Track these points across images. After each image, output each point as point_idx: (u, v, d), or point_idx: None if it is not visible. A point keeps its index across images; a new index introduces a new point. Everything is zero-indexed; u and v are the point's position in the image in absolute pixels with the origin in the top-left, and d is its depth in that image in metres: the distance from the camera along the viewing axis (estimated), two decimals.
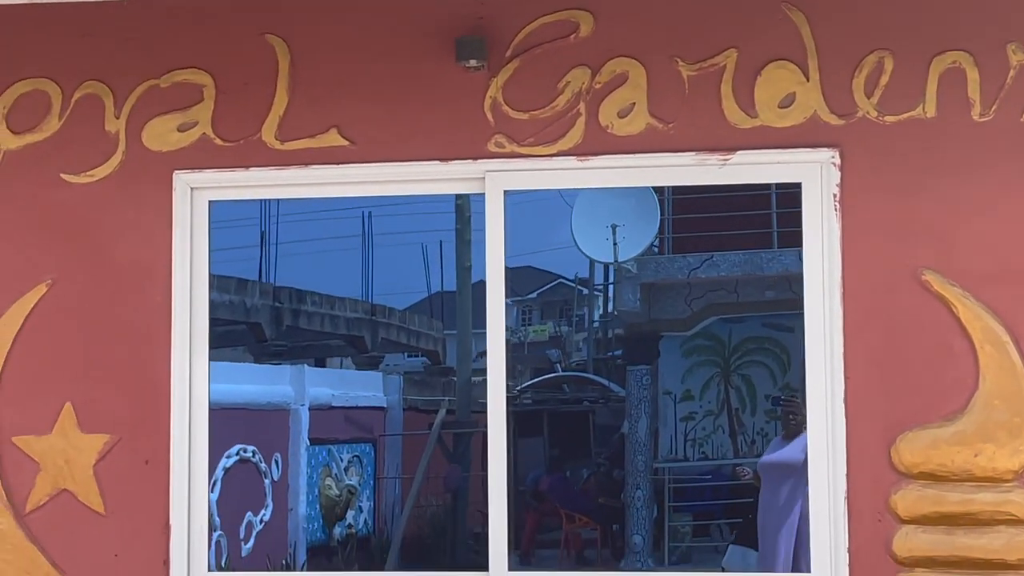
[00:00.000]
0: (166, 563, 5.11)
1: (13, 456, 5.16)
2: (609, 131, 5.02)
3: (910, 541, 4.77)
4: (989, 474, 4.74)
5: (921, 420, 4.80)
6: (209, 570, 5.17)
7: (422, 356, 18.41)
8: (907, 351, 4.84)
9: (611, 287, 17.07)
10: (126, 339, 5.17)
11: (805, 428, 8.75)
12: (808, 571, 4.91)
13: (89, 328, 5.19)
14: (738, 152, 4.97)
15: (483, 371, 4.93)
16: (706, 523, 12.63)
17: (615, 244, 12.23)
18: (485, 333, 5.02)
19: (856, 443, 4.84)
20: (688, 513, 12.68)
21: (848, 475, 4.84)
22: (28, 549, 5.11)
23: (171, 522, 5.11)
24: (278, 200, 11.00)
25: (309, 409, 12.68)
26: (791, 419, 9.17)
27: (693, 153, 5.00)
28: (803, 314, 4.97)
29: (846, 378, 4.87)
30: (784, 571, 8.25)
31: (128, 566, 5.11)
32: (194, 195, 5.21)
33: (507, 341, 5.14)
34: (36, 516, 5.14)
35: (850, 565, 4.81)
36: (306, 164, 5.15)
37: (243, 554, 11.16)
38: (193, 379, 5.17)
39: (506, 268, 5.13)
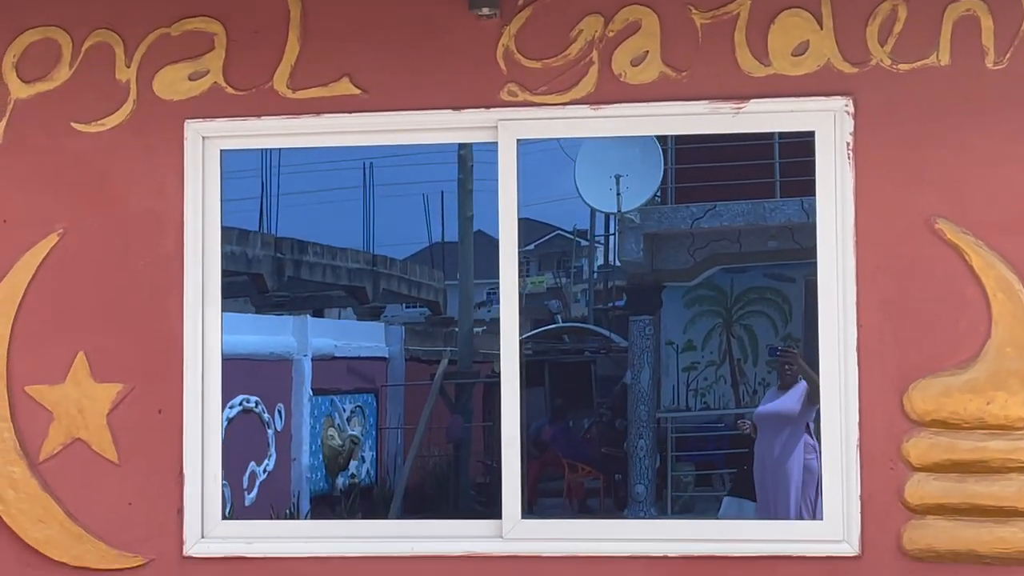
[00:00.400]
0: (180, 512, 5.12)
1: (26, 405, 5.16)
2: (622, 79, 5.00)
3: (922, 489, 4.79)
4: (1001, 422, 4.75)
5: (933, 368, 4.81)
6: (223, 518, 5.19)
7: (422, 307, 18.41)
8: (920, 299, 4.84)
9: (611, 238, 17.07)
10: (138, 289, 5.17)
11: (800, 379, 8.92)
12: (807, 519, 4.93)
13: (101, 278, 5.18)
14: (751, 101, 4.96)
15: (484, 321, 4.93)
16: (708, 473, 12.68)
17: (619, 194, 12.21)
18: (486, 283, 5.02)
19: (868, 391, 4.85)
20: (690, 463, 12.73)
21: (860, 423, 4.85)
22: (42, 498, 5.12)
23: (185, 471, 5.13)
24: (279, 151, 11.00)
25: (311, 359, 12.69)
26: (787, 369, 9.22)
27: (706, 102, 4.98)
28: (805, 264, 4.96)
29: (859, 326, 4.88)
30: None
31: (142, 514, 5.13)
32: (206, 144, 5.20)
33: None
34: (50, 465, 5.15)
35: (862, 512, 4.84)
36: (318, 113, 5.13)
37: (246, 504, 11.19)
38: (206, 328, 5.18)
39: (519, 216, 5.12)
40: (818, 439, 4.99)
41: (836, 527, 4.89)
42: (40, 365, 5.16)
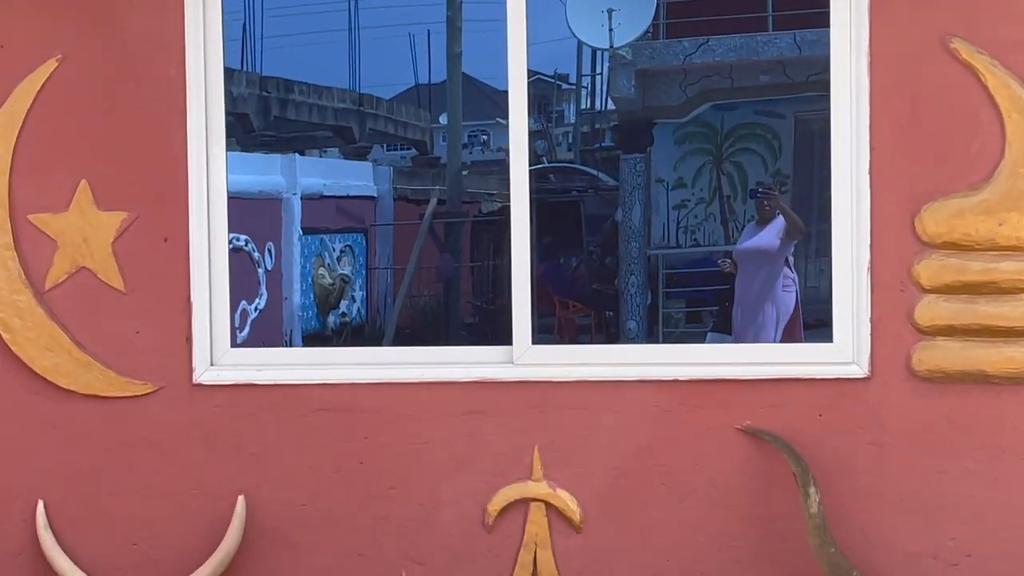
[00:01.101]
0: (188, 340, 5.11)
1: (29, 234, 5.10)
2: None
3: (932, 310, 4.80)
4: (1013, 243, 4.73)
5: (946, 190, 4.78)
6: (232, 347, 5.18)
7: (407, 149, 18.31)
8: (933, 120, 4.79)
9: (598, 78, 16.92)
10: (140, 115, 5.07)
11: (777, 214, 8.92)
12: None
13: (102, 104, 5.08)
14: None
15: (466, 165, 4.88)
16: (698, 309, 12.72)
17: (611, 29, 12.03)
18: (469, 125, 4.96)
19: (880, 214, 4.82)
20: (681, 299, 12.76)
21: (872, 246, 4.83)
22: (49, 326, 5.09)
23: (192, 299, 5.09)
24: None
25: (301, 198, 12.63)
26: (765, 205, 9.23)
27: None
28: (796, 100, 4.90)
29: (871, 148, 4.83)
30: None
31: (150, 343, 5.11)
32: None
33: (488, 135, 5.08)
34: (55, 294, 5.11)
35: (871, 335, 4.84)
36: None
37: (238, 341, 11.19)
38: (210, 153, 5.10)
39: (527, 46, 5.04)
40: (828, 263, 4.95)
41: (846, 349, 4.90)
42: (43, 193, 5.09)
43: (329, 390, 5.07)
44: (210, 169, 5.10)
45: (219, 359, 5.14)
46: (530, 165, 5.05)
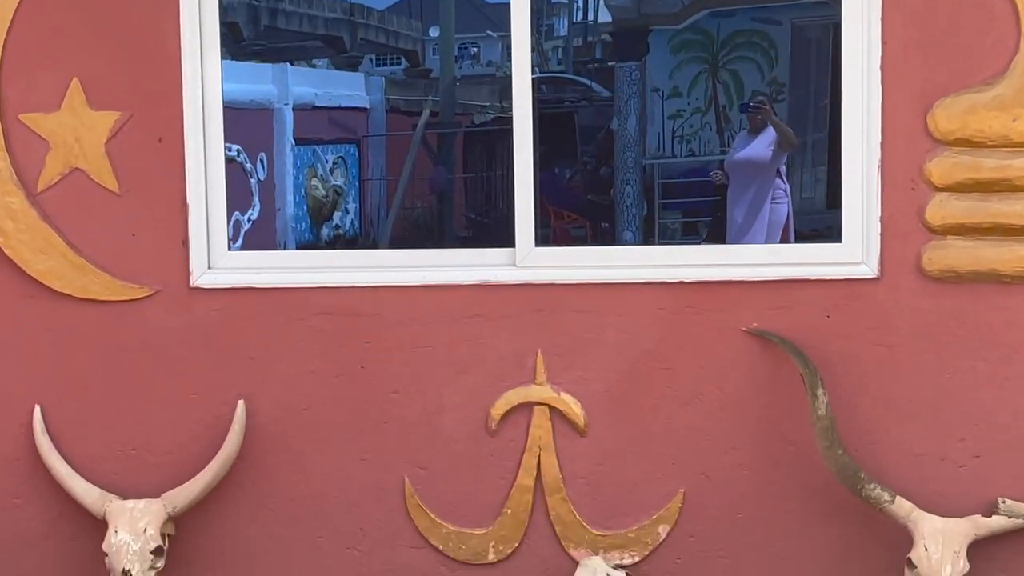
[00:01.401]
0: (185, 243, 5.01)
1: (20, 134, 4.98)
2: None
3: (943, 208, 4.71)
4: None
5: (959, 86, 4.68)
6: (229, 250, 5.09)
7: (399, 61, 18.14)
8: (946, 14, 4.67)
9: None
10: (133, 13, 4.93)
11: (768, 125, 8.83)
12: None
13: (93, 1, 4.95)
14: None
15: (457, 78, 4.76)
16: (694, 220, 12.63)
17: None
18: (458, 39, 4.83)
19: (891, 111, 4.72)
20: (677, 211, 12.66)
21: (883, 144, 4.74)
22: (42, 229, 4.99)
23: (188, 201, 4.99)
24: None
25: (292, 109, 12.48)
26: (757, 118, 9.16)
27: None
28: (792, 6, 4.77)
29: (883, 43, 4.72)
30: None
31: (146, 246, 5.01)
32: None
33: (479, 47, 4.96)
34: (48, 195, 5.01)
35: (881, 235, 4.76)
36: None
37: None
38: (204, 50, 4.97)
39: None
40: (839, 163, 4.86)
41: (855, 249, 4.82)
42: (33, 92, 4.96)
43: (329, 294, 4.99)
44: (205, 65, 4.98)
45: (216, 262, 5.05)
46: None
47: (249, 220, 11.46)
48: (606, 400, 4.95)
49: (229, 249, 5.08)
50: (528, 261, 4.97)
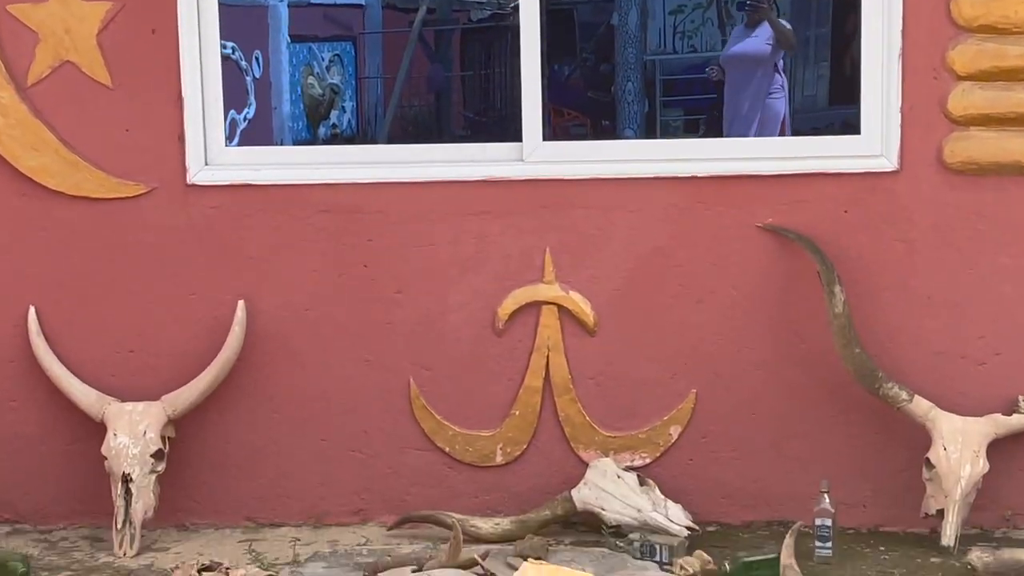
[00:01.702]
0: (181, 138, 4.87)
1: (9, 26, 4.83)
2: None
3: (966, 98, 4.58)
4: None
5: None
6: (226, 145, 4.93)
7: None
8: None
9: None
10: None
11: (766, 18, 8.62)
12: None
13: None
14: None
15: None
16: (696, 118, 12.43)
17: None
18: None
19: None
20: (679, 108, 12.46)
21: (904, 31, 4.59)
22: (33, 124, 4.84)
23: (184, 95, 4.84)
24: None
25: (287, 5, 12.23)
26: (755, 14, 8.95)
27: None
28: None
29: None
30: None
31: (141, 141, 4.87)
32: None
33: None
34: (39, 89, 4.85)
35: (902, 126, 4.63)
36: None
37: None
38: None
39: None
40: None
41: (874, 142, 4.68)
42: None
43: (331, 190, 4.85)
44: None
45: (214, 158, 4.91)
46: None
47: (245, 119, 11.24)
48: (616, 299, 4.83)
49: (226, 146, 4.92)
50: (535, 156, 4.83)
